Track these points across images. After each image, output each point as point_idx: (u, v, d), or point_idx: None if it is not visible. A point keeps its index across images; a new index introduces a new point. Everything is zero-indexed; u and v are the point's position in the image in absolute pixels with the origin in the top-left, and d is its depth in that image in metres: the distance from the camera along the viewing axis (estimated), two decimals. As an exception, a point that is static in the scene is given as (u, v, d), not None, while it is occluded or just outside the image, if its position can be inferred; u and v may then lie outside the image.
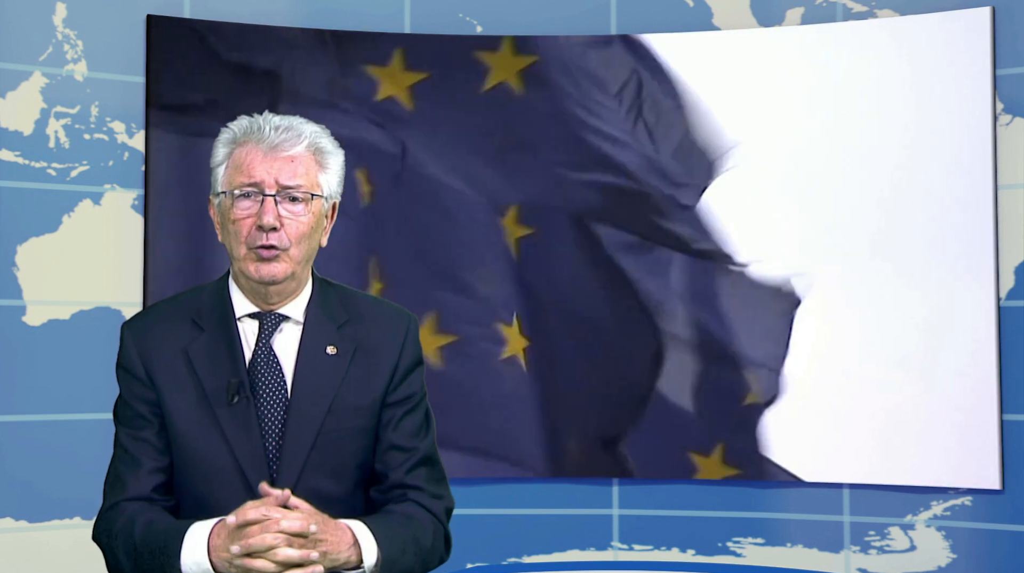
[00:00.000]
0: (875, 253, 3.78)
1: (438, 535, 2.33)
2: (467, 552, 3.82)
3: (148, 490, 2.26)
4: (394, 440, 2.33)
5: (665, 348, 3.92)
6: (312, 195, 2.27)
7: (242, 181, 2.25)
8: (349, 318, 2.35)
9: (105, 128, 3.71)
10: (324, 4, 3.92)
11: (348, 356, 2.32)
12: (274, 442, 2.27)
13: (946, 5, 3.74)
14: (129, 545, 2.20)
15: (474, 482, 3.90)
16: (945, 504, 3.73)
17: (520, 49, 3.92)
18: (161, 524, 2.21)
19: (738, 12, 3.94)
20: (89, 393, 3.61)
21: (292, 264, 2.27)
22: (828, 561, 3.81)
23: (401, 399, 2.35)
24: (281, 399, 2.28)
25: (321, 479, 2.28)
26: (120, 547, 2.22)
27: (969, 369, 3.67)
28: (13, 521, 3.60)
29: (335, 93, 3.87)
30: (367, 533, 2.20)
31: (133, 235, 3.72)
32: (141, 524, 2.20)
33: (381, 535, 2.21)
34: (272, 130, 2.26)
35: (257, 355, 2.29)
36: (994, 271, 3.66)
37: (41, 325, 3.64)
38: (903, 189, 3.76)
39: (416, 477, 2.33)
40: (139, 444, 2.28)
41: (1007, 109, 3.68)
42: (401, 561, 2.23)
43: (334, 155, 2.33)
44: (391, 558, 2.21)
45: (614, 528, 3.95)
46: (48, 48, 3.66)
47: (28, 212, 3.63)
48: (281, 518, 2.11)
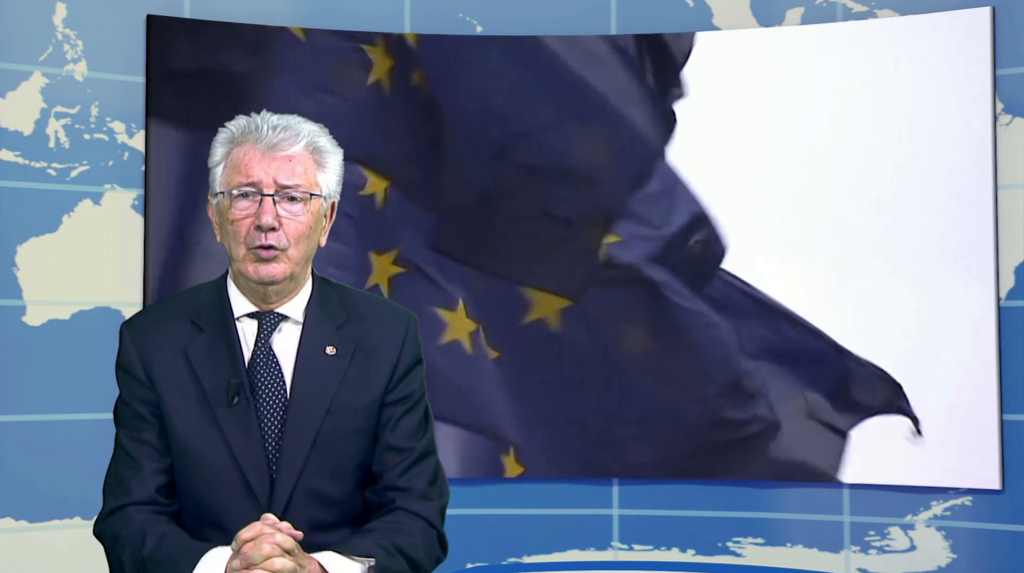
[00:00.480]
0: (875, 253, 3.78)
1: (429, 539, 2.31)
2: (467, 552, 3.83)
3: (152, 492, 2.26)
4: (391, 441, 2.32)
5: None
6: (311, 194, 2.26)
7: (240, 181, 2.24)
8: (348, 318, 2.35)
9: (105, 128, 3.71)
10: (324, 4, 3.92)
11: (347, 356, 2.31)
12: (273, 443, 2.26)
13: (946, 5, 3.74)
14: (137, 556, 2.19)
15: (474, 482, 3.90)
16: (945, 504, 3.73)
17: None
18: (173, 539, 2.20)
19: (738, 12, 3.94)
20: (89, 393, 3.61)
21: (291, 264, 2.26)
22: (828, 561, 3.81)
23: (400, 398, 2.35)
24: (280, 399, 2.28)
25: (320, 479, 2.28)
26: (128, 556, 2.21)
27: (969, 369, 3.67)
28: (13, 521, 3.60)
29: (335, 93, 3.87)
30: (336, 558, 2.17)
31: (133, 235, 3.72)
32: (153, 537, 2.19)
33: (363, 551, 2.18)
34: (270, 129, 2.25)
35: (256, 355, 2.29)
36: (994, 271, 3.66)
37: (41, 325, 3.64)
38: (903, 189, 3.76)
39: (409, 479, 2.32)
40: (140, 446, 2.28)
41: (1007, 109, 3.68)
42: (393, 569, 2.22)
43: (333, 154, 2.32)
44: (383, 568, 2.19)
45: (614, 528, 3.95)
46: (48, 48, 3.66)
47: (28, 212, 3.63)
48: (275, 533, 2.10)
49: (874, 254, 3.78)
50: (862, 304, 3.79)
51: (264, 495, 2.25)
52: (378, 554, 2.19)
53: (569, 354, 3.96)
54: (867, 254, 3.79)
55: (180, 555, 2.16)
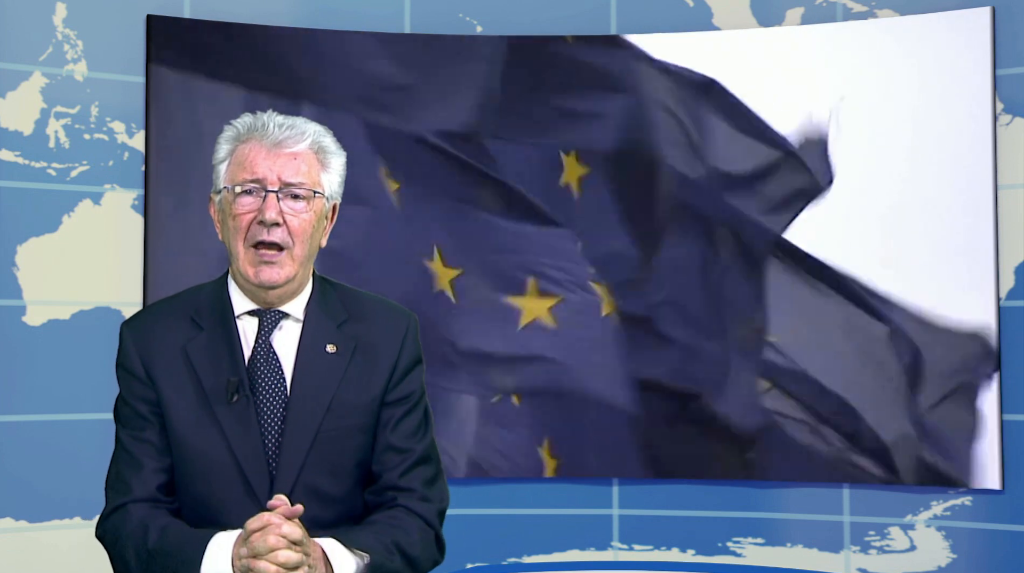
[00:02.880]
0: (875, 253, 3.78)
1: (427, 539, 2.31)
2: (467, 552, 3.83)
3: (152, 491, 2.26)
4: (391, 441, 2.32)
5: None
6: (314, 193, 2.27)
7: (244, 177, 2.25)
8: (349, 316, 2.35)
9: (105, 128, 3.71)
10: (324, 4, 3.92)
11: (348, 355, 2.31)
12: (273, 440, 2.26)
13: (946, 5, 3.74)
14: (142, 550, 2.19)
15: (474, 482, 3.90)
16: (945, 504, 3.73)
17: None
18: (176, 530, 2.21)
19: (738, 12, 3.94)
20: (89, 393, 3.61)
21: (294, 266, 2.27)
22: (828, 561, 3.81)
23: (400, 398, 2.35)
24: (280, 397, 2.28)
25: (320, 478, 2.28)
26: (131, 551, 2.21)
27: (969, 369, 3.67)
28: (13, 521, 3.60)
29: (335, 92, 3.87)
30: (337, 547, 2.18)
31: (133, 235, 3.72)
32: (155, 529, 2.20)
33: (362, 545, 2.19)
34: (276, 127, 2.26)
35: (256, 353, 2.29)
36: (994, 271, 3.66)
37: (41, 325, 3.64)
38: (903, 189, 3.76)
39: (409, 479, 2.32)
40: (140, 444, 2.28)
41: (1007, 109, 3.68)
42: (388, 566, 2.22)
43: (336, 156, 2.33)
44: (378, 565, 2.19)
45: (614, 528, 3.95)
46: (48, 48, 3.66)
47: (28, 212, 3.63)
48: (282, 524, 2.10)
49: (874, 254, 3.78)
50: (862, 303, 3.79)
51: (264, 492, 2.24)
52: (376, 549, 2.19)
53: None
54: (867, 253, 3.79)
55: (186, 544, 2.16)
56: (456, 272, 3.94)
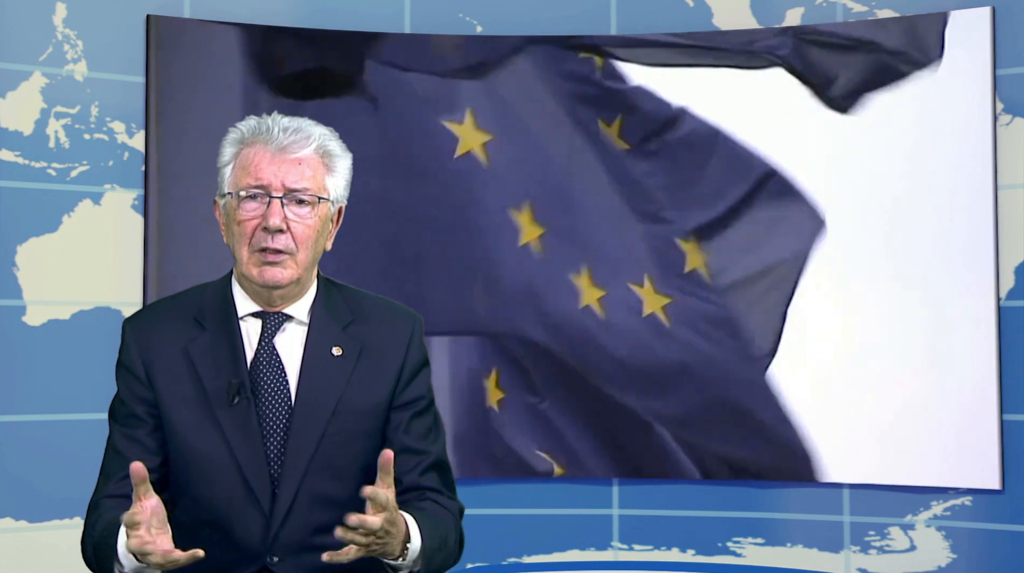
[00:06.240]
0: (875, 253, 3.78)
1: (458, 533, 2.34)
2: (467, 552, 3.78)
3: (129, 489, 2.23)
4: (406, 443, 2.31)
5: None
6: (319, 198, 2.26)
7: (248, 183, 2.24)
8: (354, 318, 2.34)
9: (105, 128, 3.71)
10: (324, 4, 3.91)
11: (354, 357, 2.30)
12: (276, 443, 2.26)
13: (946, 5, 3.74)
14: (93, 543, 2.21)
15: (474, 482, 3.90)
16: (945, 504, 3.74)
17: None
18: (112, 518, 2.18)
19: (738, 12, 3.94)
20: (89, 393, 3.60)
21: (298, 269, 2.26)
22: (828, 561, 3.82)
23: (409, 401, 2.34)
24: (283, 400, 2.27)
25: (324, 481, 2.27)
26: (90, 547, 2.23)
27: (969, 369, 3.67)
28: (13, 521, 3.60)
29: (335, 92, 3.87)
30: (414, 525, 2.19)
31: (133, 235, 3.72)
32: (102, 522, 2.20)
33: (424, 529, 2.20)
34: (280, 131, 2.24)
35: (259, 355, 2.28)
36: (994, 271, 3.66)
37: (41, 325, 3.63)
38: (903, 189, 3.76)
39: (431, 480, 2.33)
40: (130, 443, 2.27)
41: (1007, 109, 3.68)
42: (435, 558, 2.23)
43: (342, 158, 2.32)
44: (430, 551, 2.20)
45: (614, 528, 3.95)
46: (48, 48, 3.65)
47: (28, 212, 3.62)
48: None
49: (874, 254, 3.78)
50: (862, 303, 3.79)
51: (265, 496, 2.24)
52: (434, 536, 2.20)
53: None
54: (867, 254, 3.79)
55: (109, 534, 2.15)
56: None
